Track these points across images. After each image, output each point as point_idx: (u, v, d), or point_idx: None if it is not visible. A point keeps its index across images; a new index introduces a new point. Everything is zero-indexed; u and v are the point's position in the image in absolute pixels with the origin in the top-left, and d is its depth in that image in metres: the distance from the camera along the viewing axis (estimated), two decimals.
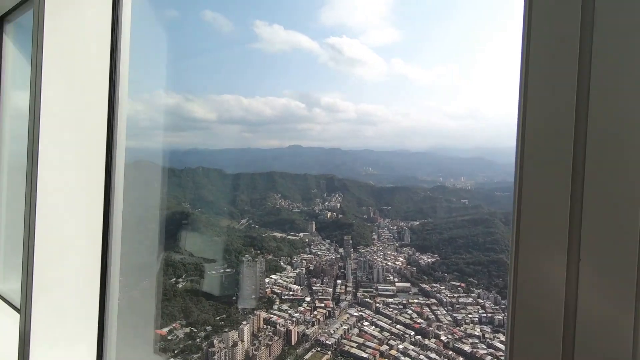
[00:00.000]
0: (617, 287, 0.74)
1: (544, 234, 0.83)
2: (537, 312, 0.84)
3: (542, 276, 0.84)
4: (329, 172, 12.45)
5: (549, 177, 0.82)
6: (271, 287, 9.46)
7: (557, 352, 0.80)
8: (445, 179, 11.76)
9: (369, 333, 8.45)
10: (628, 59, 0.75)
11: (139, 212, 2.62)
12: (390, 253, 10.66)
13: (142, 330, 2.69)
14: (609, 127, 0.76)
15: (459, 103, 10.98)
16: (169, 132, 3.40)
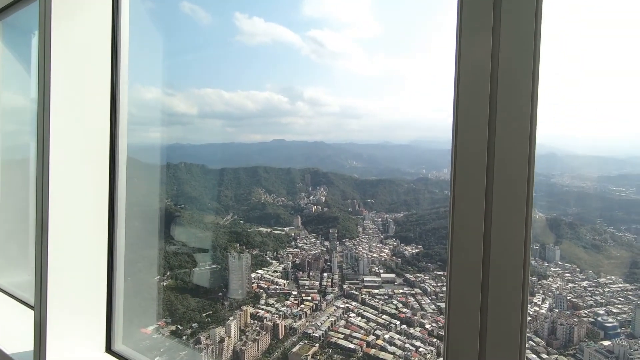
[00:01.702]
0: (514, 230, 1.13)
1: (468, 200, 1.20)
2: (465, 256, 1.19)
3: (468, 229, 1.19)
4: (314, 165, 12.43)
5: (472, 157, 1.22)
6: (257, 282, 9.44)
7: (478, 279, 1.18)
8: (428, 170, 11.93)
9: (356, 324, 8.57)
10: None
11: (138, 211, 2.59)
12: (375, 245, 10.79)
13: (144, 312, 2.76)
14: (509, 113, 1.14)
15: (442, 96, 11.11)
16: (150, 127, 3.33)
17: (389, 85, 12.60)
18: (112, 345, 1.99)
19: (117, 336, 2.02)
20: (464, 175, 1.23)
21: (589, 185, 10.56)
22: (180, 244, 9.10)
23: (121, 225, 2.00)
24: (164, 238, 8.82)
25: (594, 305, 7.89)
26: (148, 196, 2.50)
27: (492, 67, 1.14)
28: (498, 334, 1.15)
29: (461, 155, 1.24)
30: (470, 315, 1.19)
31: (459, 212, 1.22)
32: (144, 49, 2.94)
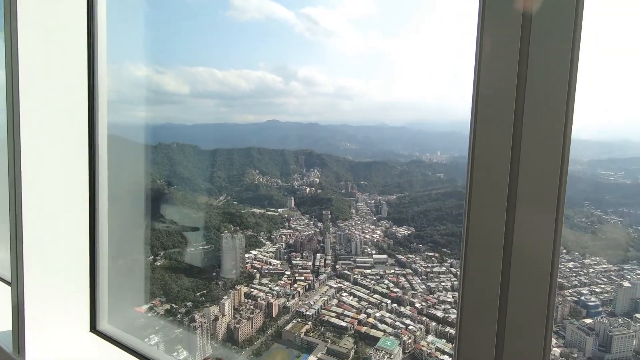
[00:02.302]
0: (542, 229, 0.99)
1: (490, 189, 1.04)
2: (483, 255, 1.07)
3: (488, 222, 1.05)
4: (308, 147, 12.38)
5: (494, 147, 1.02)
6: (251, 262, 9.54)
7: (496, 277, 1.05)
8: (421, 153, 11.97)
9: (348, 303, 8.76)
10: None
11: (121, 189, 2.56)
12: (368, 226, 10.91)
13: (131, 291, 2.73)
14: (542, 96, 0.97)
15: (437, 78, 11.02)
16: (140, 106, 3.26)
17: (383, 66, 12.44)
18: (96, 325, 1.97)
19: (102, 315, 1.99)
20: (484, 167, 1.05)
21: (579, 168, 10.69)
22: (170, 222, 9.11)
23: (103, 204, 1.95)
24: (155, 218, 8.81)
25: (578, 285, 8.15)
26: (134, 175, 2.47)
27: (521, 53, 0.98)
28: (518, 342, 1.05)
29: (481, 145, 1.06)
30: (486, 321, 1.08)
31: (477, 205, 1.07)
32: (128, 23, 2.83)
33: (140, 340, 1.81)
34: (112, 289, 2.12)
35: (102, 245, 2.01)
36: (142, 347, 1.72)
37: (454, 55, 11.47)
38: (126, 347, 1.78)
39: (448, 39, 11.37)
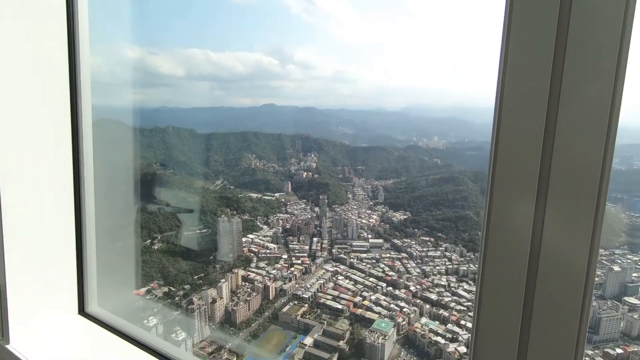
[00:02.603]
0: (577, 229, 0.87)
1: (516, 184, 0.92)
2: (506, 253, 0.95)
3: (512, 221, 0.93)
4: (304, 131, 12.30)
5: (523, 134, 0.89)
6: (248, 246, 9.61)
7: (520, 284, 0.93)
8: (419, 138, 11.94)
9: (344, 286, 8.90)
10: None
11: (109, 171, 2.53)
12: (364, 211, 10.98)
13: (122, 274, 2.72)
14: (579, 83, 0.84)
15: (437, 63, 10.89)
16: (133, 88, 3.19)
17: (381, 50, 12.25)
18: (85, 307, 1.95)
19: (91, 298, 1.98)
20: (511, 158, 0.91)
21: None
22: (166, 206, 9.11)
23: (89, 187, 1.91)
24: (150, 202, 8.81)
25: None
26: (123, 158, 2.44)
27: (559, 29, 0.84)
28: (544, 353, 0.94)
29: (508, 132, 0.92)
30: (507, 333, 0.97)
31: (501, 199, 0.95)
32: (118, 1, 2.74)
33: (131, 323, 1.82)
34: (102, 272, 2.11)
35: (88, 228, 1.98)
36: (133, 330, 1.73)
37: (454, 40, 11.29)
38: (116, 329, 1.78)
39: (448, 24, 11.18)
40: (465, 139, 11.97)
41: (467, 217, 9.72)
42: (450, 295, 8.42)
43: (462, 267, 8.98)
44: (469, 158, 11.50)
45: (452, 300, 8.29)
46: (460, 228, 9.68)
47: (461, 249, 9.33)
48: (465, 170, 10.67)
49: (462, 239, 9.51)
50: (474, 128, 12.62)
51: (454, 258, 9.21)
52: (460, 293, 8.45)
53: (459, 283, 8.72)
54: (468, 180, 10.37)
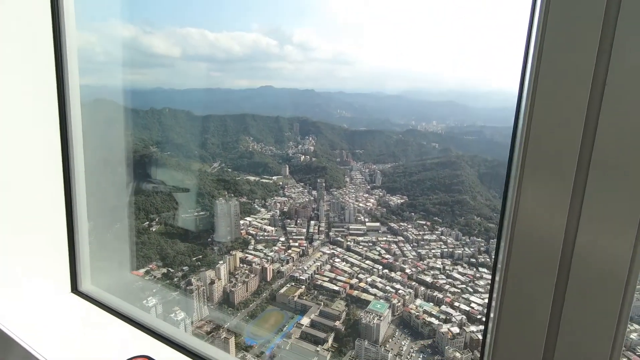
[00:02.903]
0: (618, 231, 0.77)
1: (549, 179, 0.82)
2: (532, 253, 0.85)
3: (541, 219, 0.84)
4: (303, 114, 12.19)
5: (560, 124, 0.80)
6: (246, 228, 9.67)
7: (549, 287, 0.84)
8: (417, 122, 11.89)
9: (340, 268, 9.02)
10: None
11: (102, 153, 2.50)
12: (361, 195, 11.02)
13: (117, 254, 2.71)
14: (630, 65, 0.74)
15: (438, 46, 10.74)
16: (128, 68, 3.11)
17: (382, 32, 12.03)
18: (78, 286, 1.94)
19: (84, 276, 1.97)
20: (543, 150, 0.81)
21: None
22: (164, 188, 9.10)
23: (78, 166, 1.86)
24: (147, 184, 8.78)
25: None
26: (114, 139, 2.40)
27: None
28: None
29: (541, 120, 0.80)
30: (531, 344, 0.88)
31: (529, 195, 0.84)
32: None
33: (124, 302, 1.82)
34: (96, 251, 2.09)
35: (79, 207, 1.95)
36: (127, 308, 1.73)
37: (455, 23, 11.08)
38: (110, 308, 1.77)
39: (451, 9, 10.94)
40: (464, 123, 11.93)
41: (464, 201, 9.79)
42: (445, 278, 8.57)
43: (457, 250, 9.11)
44: (468, 143, 11.49)
45: (447, 283, 8.44)
46: (457, 212, 9.76)
47: (457, 233, 9.44)
48: (463, 155, 10.68)
49: (458, 222, 9.60)
50: (472, 112, 12.56)
51: (449, 242, 9.33)
52: (455, 276, 8.60)
53: (454, 266, 8.86)
54: (466, 164, 10.39)
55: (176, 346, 1.49)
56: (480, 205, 9.75)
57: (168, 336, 1.53)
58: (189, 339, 1.51)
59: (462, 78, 11.60)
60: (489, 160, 10.43)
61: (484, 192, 9.92)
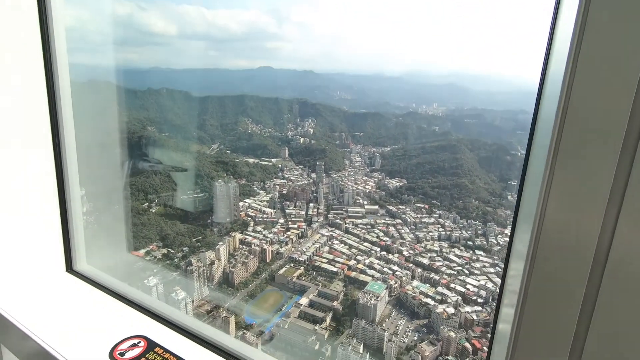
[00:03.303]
0: None
1: (585, 179, 0.73)
2: (559, 257, 0.78)
3: (571, 222, 0.76)
4: (302, 96, 12.05)
5: (601, 119, 0.71)
6: (245, 210, 9.72)
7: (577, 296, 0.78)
8: (418, 105, 11.78)
9: (339, 250, 9.13)
10: None
11: (96, 132, 2.47)
12: (360, 178, 11.04)
13: (113, 234, 2.70)
14: None
15: (439, 26, 10.52)
16: (123, 47, 3.03)
17: (383, 12, 11.74)
18: (73, 265, 1.94)
19: (79, 255, 1.96)
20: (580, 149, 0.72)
21: None
22: (163, 169, 9.09)
23: (70, 147, 1.83)
24: (145, 165, 8.76)
25: None
26: (107, 119, 2.36)
27: None
28: None
29: (578, 108, 0.70)
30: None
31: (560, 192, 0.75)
32: None
33: (120, 281, 1.82)
34: (91, 231, 2.08)
35: (72, 187, 1.93)
36: (123, 288, 1.73)
37: (461, 6, 10.81)
38: (106, 287, 1.76)
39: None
40: (465, 106, 11.83)
41: (462, 184, 9.82)
42: (442, 260, 8.70)
43: (454, 233, 9.21)
44: (468, 126, 11.43)
45: (443, 265, 8.57)
46: (455, 195, 9.81)
47: (454, 216, 9.52)
48: (463, 139, 10.64)
49: (456, 206, 9.67)
50: (473, 95, 12.43)
51: (447, 225, 9.42)
52: (452, 258, 8.73)
53: (451, 249, 8.98)
54: (465, 148, 10.37)
55: (173, 326, 1.47)
56: (478, 188, 9.79)
57: (165, 316, 1.51)
58: (185, 318, 1.49)
59: (462, 60, 11.43)
60: (489, 144, 10.40)
61: (483, 176, 9.95)
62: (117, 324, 1.52)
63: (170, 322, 1.50)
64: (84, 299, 1.73)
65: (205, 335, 1.41)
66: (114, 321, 1.55)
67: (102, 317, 1.60)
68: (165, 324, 1.51)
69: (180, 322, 1.49)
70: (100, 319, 1.58)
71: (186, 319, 1.50)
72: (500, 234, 9.16)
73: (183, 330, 1.47)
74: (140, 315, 1.59)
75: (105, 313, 1.62)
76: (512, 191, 9.61)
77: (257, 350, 1.31)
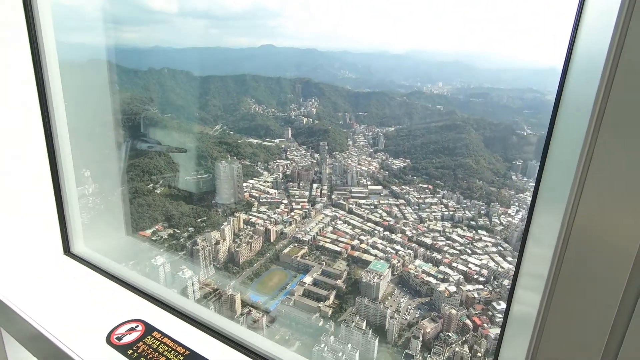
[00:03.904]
0: None
1: (624, 182, 0.66)
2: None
3: (610, 227, 0.70)
4: (305, 75, 11.86)
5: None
6: (249, 191, 9.77)
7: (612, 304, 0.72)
8: (423, 83, 11.57)
9: (342, 230, 9.22)
10: None
11: (95, 117, 2.43)
12: (364, 158, 11.00)
13: (111, 216, 2.68)
14: None
15: (446, 1, 10.20)
16: (125, 26, 2.95)
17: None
18: (71, 248, 1.92)
19: (76, 238, 1.95)
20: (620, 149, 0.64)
21: None
22: (167, 150, 9.11)
23: (61, 128, 1.80)
24: (147, 146, 8.78)
25: None
26: (104, 99, 2.31)
27: None
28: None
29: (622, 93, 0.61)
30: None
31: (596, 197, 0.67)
32: None
33: (118, 264, 1.81)
34: (88, 213, 2.05)
35: (65, 169, 1.90)
36: (121, 271, 1.72)
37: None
38: (103, 270, 1.75)
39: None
40: (471, 84, 11.61)
41: (467, 165, 9.77)
42: (445, 240, 8.77)
43: (457, 213, 9.24)
44: (474, 105, 11.25)
45: (446, 245, 8.65)
46: (459, 176, 9.78)
47: (458, 196, 9.52)
48: (469, 118, 10.50)
49: (460, 186, 9.65)
50: (479, 73, 12.17)
51: (450, 205, 9.44)
52: (454, 237, 8.79)
53: (454, 228, 9.03)
54: (471, 128, 10.25)
55: (171, 309, 1.44)
56: (482, 168, 9.74)
57: (163, 299, 1.48)
58: (183, 302, 1.46)
59: (469, 37, 11.13)
60: (495, 124, 10.26)
61: (488, 156, 9.87)
62: (114, 307, 1.51)
63: (168, 306, 1.48)
64: (82, 282, 1.70)
65: (203, 319, 1.40)
66: (112, 304, 1.51)
67: (99, 300, 1.55)
68: (163, 307, 1.49)
69: (179, 305, 1.47)
70: (98, 302, 1.55)
71: (185, 302, 1.48)
72: (503, 214, 9.18)
73: (181, 314, 1.45)
74: (137, 298, 1.54)
75: (103, 296, 1.57)
76: (516, 171, 9.55)
77: (256, 335, 1.29)
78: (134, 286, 1.62)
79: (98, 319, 1.40)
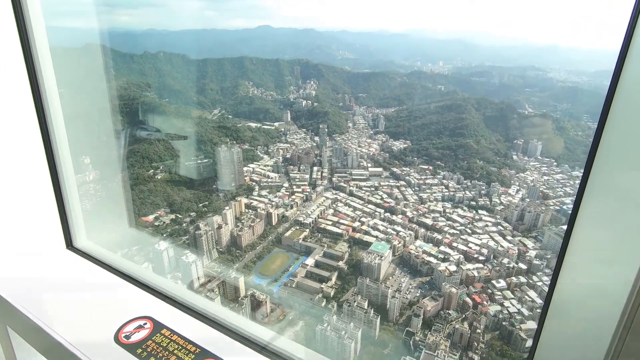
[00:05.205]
0: None
1: None
2: None
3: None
4: (303, 56, 11.68)
5: None
6: (250, 175, 9.78)
7: None
8: (423, 63, 11.40)
9: (343, 212, 9.28)
10: None
11: (90, 104, 2.37)
12: (364, 140, 10.96)
13: (112, 207, 2.64)
14: None
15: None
16: (117, 8, 2.86)
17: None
18: (73, 242, 1.86)
19: (79, 232, 1.91)
20: None
21: (584, 80, 10.35)
22: (166, 136, 9.06)
23: (57, 119, 1.74)
24: (145, 132, 8.72)
25: (563, 195, 8.54)
26: (99, 86, 2.26)
27: None
28: None
29: None
30: None
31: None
32: None
33: (123, 258, 1.78)
34: (90, 201, 2.00)
35: (63, 162, 1.85)
36: (126, 265, 1.69)
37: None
38: (106, 264, 1.71)
39: None
40: (472, 63, 11.42)
41: (467, 145, 9.73)
42: (445, 220, 8.83)
43: (458, 194, 9.27)
44: (475, 84, 11.11)
45: (446, 225, 8.71)
46: (460, 156, 9.76)
47: (458, 177, 9.53)
48: (469, 98, 10.39)
49: (461, 167, 9.65)
50: (481, 51, 11.96)
51: (451, 185, 9.45)
52: (455, 218, 8.85)
53: (454, 209, 9.08)
54: (472, 108, 10.15)
55: (179, 305, 1.39)
56: (483, 149, 9.71)
57: (170, 294, 1.41)
58: (192, 297, 1.39)
59: (471, 13, 10.88)
60: (496, 103, 10.14)
61: (488, 136, 9.82)
62: (120, 303, 1.45)
63: (176, 301, 1.42)
64: (86, 277, 1.63)
65: (213, 315, 1.34)
66: (118, 301, 1.49)
67: (105, 297, 1.51)
68: (171, 303, 1.42)
69: (187, 301, 1.41)
70: (104, 298, 1.50)
71: (193, 297, 1.41)
72: (503, 194, 9.21)
73: (190, 310, 1.38)
74: (144, 294, 1.49)
75: (109, 292, 1.53)
76: (517, 150, 9.52)
77: (268, 330, 1.25)
78: (140, 281, 1.57)
79: (105, 317, 1.35)
